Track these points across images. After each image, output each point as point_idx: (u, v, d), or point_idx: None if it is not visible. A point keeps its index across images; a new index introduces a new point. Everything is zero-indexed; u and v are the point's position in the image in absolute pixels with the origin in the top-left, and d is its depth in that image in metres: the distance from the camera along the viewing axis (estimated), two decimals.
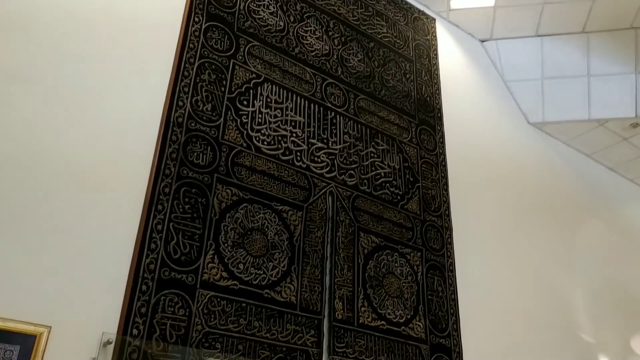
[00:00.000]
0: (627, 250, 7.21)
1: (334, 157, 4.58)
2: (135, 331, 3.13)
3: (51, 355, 2.87)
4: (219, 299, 3.49)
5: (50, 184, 3.21)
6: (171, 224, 3.49)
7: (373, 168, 4.84)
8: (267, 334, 3.61)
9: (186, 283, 3.40)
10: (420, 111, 5.58)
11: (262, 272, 3.76)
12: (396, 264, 4.58)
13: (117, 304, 3.17)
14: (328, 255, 4.18)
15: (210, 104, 4.02)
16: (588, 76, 6.67)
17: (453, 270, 4.99)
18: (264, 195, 4.01)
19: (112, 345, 3.03)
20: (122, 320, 3.13)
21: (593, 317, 6.24)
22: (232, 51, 4.36)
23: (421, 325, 4.50)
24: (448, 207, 5.28)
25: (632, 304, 6.72)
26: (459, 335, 4.72)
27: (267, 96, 4.40)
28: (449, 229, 5.17)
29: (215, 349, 3.35)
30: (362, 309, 4.19)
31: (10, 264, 2.94)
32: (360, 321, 4.13)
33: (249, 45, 4.50)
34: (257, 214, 3.92)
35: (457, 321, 4.77)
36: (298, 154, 4.36)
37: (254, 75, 4.40)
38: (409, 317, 4.45)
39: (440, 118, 5.77)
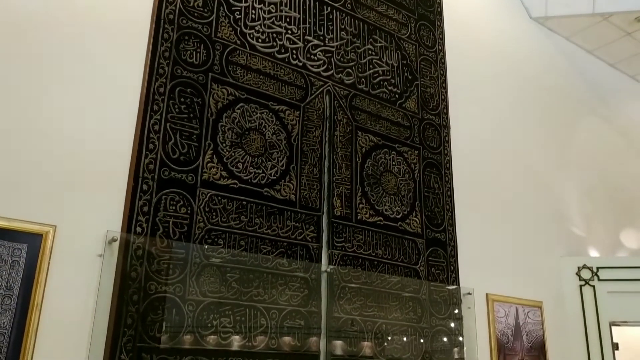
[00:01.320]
0: (624, 147, 7.26)
1: (330, 54, 4.48)
2: (138, 229, 3.20)
3: (58, 253, 2.95)
4: (219, 198, 3.54)
5: (49, 79, 3.16)
6: (168, 124, 3.47)
7: (371, 66, 4.74)
8: (268, 230, 3.70)
9: (186, 182, 3.44)
10: (419, 5, 5.38)
11: (261, 171, 3.79)
12: (394, 162, 4.62)
13: (119, 204, 3.22)
14: (326, 154, 4.19)
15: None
16: None
17: (450, 168, 5.04)
18: (261, 95, 3.96)
19: (117, 243, 3.11)
20: (125, 218, 3.19)
21: (586, 212, 6.40)
22: None
23: (417, 221, 4.61)
24: (446, 105, 5.24)
25: (624, 200, 6.87)
26: (454, 230, 4.85)
27: None
28: (447, 127, 5.16)
29: (218, 244, 3.45)
30: (360, 205, 4.27)
31: (14, 167, 2.95)
32: (358, 217, 4.23)
33: None
34: (254, 113, 3.89)
35: (452, 217, 4.89)
36: (294, 51, 4.25)
37: None
38: (405, 213, 4.55)
39: (440, 13, 5.59)
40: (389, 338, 4.09)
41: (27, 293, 2.82)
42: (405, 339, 4.19)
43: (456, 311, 4.59)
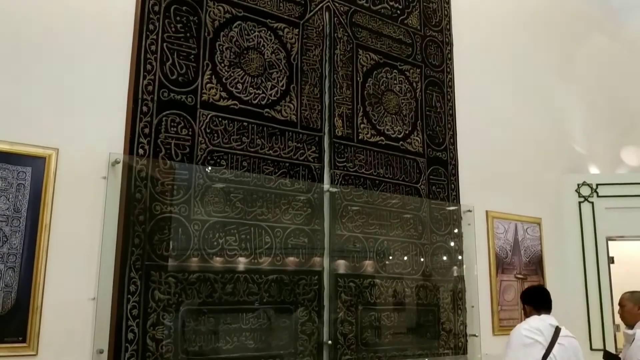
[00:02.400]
0: (629, 63, 7.10)
1: None
2: (141, 151, 3.21)
3: (63, 176, 2.98)
4: (220, 119, 3.53)
5: (48, 16, 3.07)
6: (165, 44, 3.39)
7: None
8: (270, 151, 3.71)
9: (186, 104, 3.41)
10: None
11: (261, 92, 3.75)
12: (395, 81, 4.56)
13: (120, 127, 3.21)
14: (327, 73, 4.13)
15: None
16: None
17: (452, 86, 4.98)
18: (258, 12, 3.85)
19: (120, 165, 3.13)
20: (127, 141, 3.19)
21: (587, 130, 6.38)
22: None
23: (419, 140, 4.61)
24: (449, 21, 5.10)
25: (626, 117, 6.81)
26: (455, 149, 4.86)
27: None
28: (450, 44, 5.05)
29: (220, 165, 3.47)
30: (362, 125, 4.26)
31: (16, 92, 2.92)
32: (359, 137, 4.22)
33: None
34: (252, 32, 3.80)
35: (454, 135, 4.88)
36: None
37: None
38: (407, 132, 4.54)
39: None
40: (390, 255, 4.20)
41: (35, 215, 2.86)
42: (406, 255, 4.30)
43: (456, 230, 4.68)
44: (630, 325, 3.38)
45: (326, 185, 3.95)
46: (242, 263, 3.45)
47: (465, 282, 4.65)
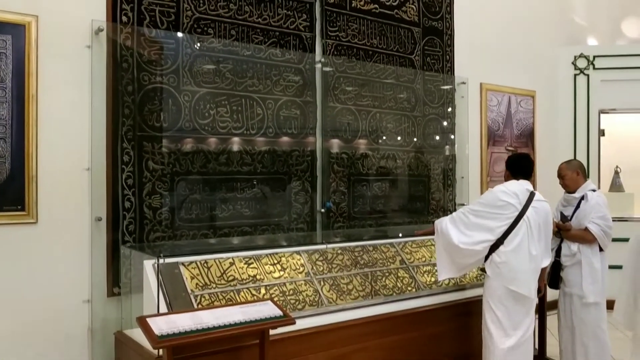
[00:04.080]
0: None
1: None
2: (124, 18, 3.08)
3: (45, 45, 2.88)
4: None
5: None
6: None
7: None
8: (259, 19, 3.57)
9: None
10: None
11: None
12: None
13: None
14: None
15: None
16: None
17: None
18: None
19: (104, 33, 3.01)
20: (109, 7, 3.05)
21: (588, 0, 6.16)
22: None
23: (414, 8, 4.43)
24: None
25: None
26: (451, 18, 4.70)
27: None
28: None
29: (207, 34, 3.35)
30: None
31: None
32: (352, 5, 4.05)
33: None
34: None
35: (451, 4, 4.69)
36: None
37: None
38: (402, 0, 4.35)
39: None
40: (382, 127, 4.21)
41: (20, 85, 2.81)
42: (398, 127, 4.30)
43: (449, 102, 4.65)
44: (573, 192, 3.53)
45: (318, 56, 3.86)
46: (234, 134, 3.45)
47: (456, 154, 4.71)
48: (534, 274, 2.98)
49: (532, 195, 3.02)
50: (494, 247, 2.95)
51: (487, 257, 2.98)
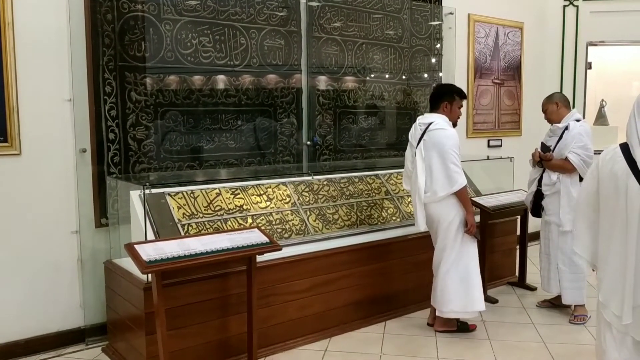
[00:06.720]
0: None
1: None
2: None
3: None
4: None
5: None
6: None
7: None
8: None
9: None
10: None
11: None
12: None
13: None
14: None
15: None
16: None
17: None
18: None
19: None
20: None
21: None
22: None
23: None
24: None
25: None
26: None
27: None
28: None
29: None
30: None
31: None
32: None
33: None
34: None
35: None
36: None
37: None
38: None
39: None
40: (368, 58, 4.16)
41: None
42: (384, 59, 4.26)
43: (436, 32, 4.59)
44: (559, 122, 3.56)
45: None
46: (217, 65, 3.40)
47: None
48: (419, 204, 3.11)
49: (428, 127, 3.10)
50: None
51: None
